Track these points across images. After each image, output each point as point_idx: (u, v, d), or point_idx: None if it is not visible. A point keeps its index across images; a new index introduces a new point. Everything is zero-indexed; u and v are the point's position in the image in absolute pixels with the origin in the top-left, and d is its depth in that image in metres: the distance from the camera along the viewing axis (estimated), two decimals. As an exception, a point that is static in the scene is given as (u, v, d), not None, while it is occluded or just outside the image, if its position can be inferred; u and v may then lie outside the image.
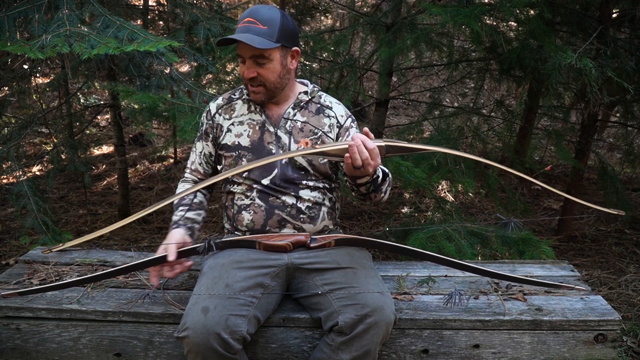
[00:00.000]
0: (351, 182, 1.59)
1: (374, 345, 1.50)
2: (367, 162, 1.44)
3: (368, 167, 1.45)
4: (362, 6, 5.70)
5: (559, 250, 3.24)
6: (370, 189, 1.61)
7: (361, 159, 1.43)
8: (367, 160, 1.44)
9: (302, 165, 1.71)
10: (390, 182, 1.73)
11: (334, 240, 1.68)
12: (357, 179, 1.56)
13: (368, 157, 1.43)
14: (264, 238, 1.66)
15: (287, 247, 1.65)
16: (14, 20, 2.28)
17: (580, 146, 3.21)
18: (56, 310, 1.68)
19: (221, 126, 1.77)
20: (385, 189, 1.68)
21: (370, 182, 1.58)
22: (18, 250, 3.18)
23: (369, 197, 1.66)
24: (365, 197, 1.67)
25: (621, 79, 2.46)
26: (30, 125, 3.23)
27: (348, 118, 1.80)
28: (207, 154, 1.81)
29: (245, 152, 1.71)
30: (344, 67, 3.36)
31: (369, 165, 1.44)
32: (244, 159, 1.71)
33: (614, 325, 1.68)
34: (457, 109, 3.86)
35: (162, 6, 4.66)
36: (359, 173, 1.48)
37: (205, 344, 1.40)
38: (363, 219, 3.79)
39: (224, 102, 1.82)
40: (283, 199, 1.70)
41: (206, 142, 1.81)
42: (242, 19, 1.61)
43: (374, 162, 1.45)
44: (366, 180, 1.56)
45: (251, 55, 1.61)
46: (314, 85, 1.84)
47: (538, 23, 2.65)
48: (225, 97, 1.83)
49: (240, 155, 1.72)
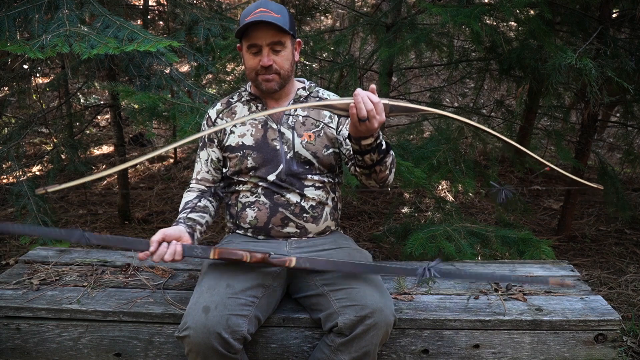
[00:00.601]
0: (356, 146, 1.54)
1: (374, 346, 1.50)
2: (372, 115, 1.42)
3: (373, 121, 1.42)
4: (362, 6, 5.70)
5: (559, 250, 3.24)
6: (376, 159, 1.57)
7: (366, 109, 1.41)
8: (372, 112, 1.41)
9: (307, 159, 1.72)
10: (394, 161, 1.69)
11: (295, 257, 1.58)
12: (362, 140, 1.51)
13: (373, 108, 1.42)
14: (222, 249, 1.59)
15: (243, 257, 1.56)
16: (14, 20, 2.28)
17: (580, 146, 3.21)
18: (56, 310, 1.68)
19: (224, 129, 1.77)
20: (389, 165, 1.64)
21: (375, 147, 1.54)
22: (18, 250, 3.18)
23: (374, 172, 1.62)
24: (370, 172, 1.62)
25: (621, 79, 2.46)
26: (30, 125, 3.23)
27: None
28: (215, 159, 1.80)
29: (250, 150, 1.72)
30: (344, 67, 3.36)
31: (374, 117, 1.42)
32: (249, 158, 1.71)
33: (614, 325, 1.68)
34: (457, 109, 3.86)
35: (162, 6, 4.67)
36: (364, 129, 1.44)
37: (206, 344, 1.41)
38: (363, 219, 3.79)
39: (223, 106, 1.82)
40: (288, 196, 1.70)
41: (211, 148, 1.80)
42: (252, 11, 1.62)
43: (379, 117, 1.43)
44: (370, 142, 1.51)
45: (269, 42, 1.63)
46: (311, 81, 1.87)
47: (538, 23, 2.65)
48: (224, 102, 1.84)
49: (245, 155, 1.72)
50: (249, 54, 1.67)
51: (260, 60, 1.64)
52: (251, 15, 1.61)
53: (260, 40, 1.62)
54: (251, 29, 1.61)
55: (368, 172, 1.62)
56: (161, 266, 1.98)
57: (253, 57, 1.66)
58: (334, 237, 1.79)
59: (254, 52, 1.65)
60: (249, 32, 1.62)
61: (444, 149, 2.72)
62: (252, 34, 1.62)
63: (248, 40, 1.64)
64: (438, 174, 2.67)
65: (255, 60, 1.66)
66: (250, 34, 1.62)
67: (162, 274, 1.93)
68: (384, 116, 1.45)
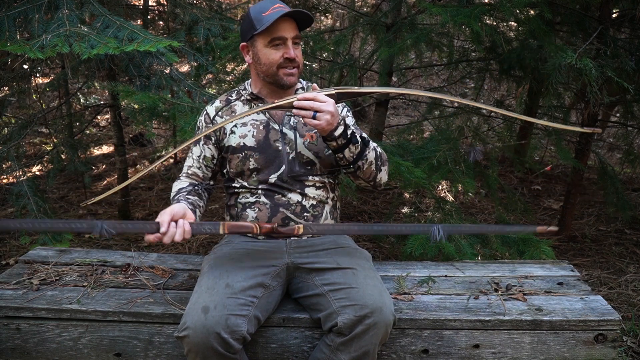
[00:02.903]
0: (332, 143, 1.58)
1: (373, 346, 1.50)
2: (316, 108, 1.49)
3: (321, 117, 1.49)
4: (362, 6, 5.70)
5: (559, 250, 3.24)
6: (356, 153, 1.60)
7: (308, 106, 1.49)
8: (314, 106, 1.49)
9: (309, 159, 1.72)
10: (382, 158, 1.71)
11: (302, 226, 1.60)
12: (330, 140, 1.56)
13: (314, 105, 1.49)
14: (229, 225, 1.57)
15: (253, 229, 1.56)
16: (14, 20, 2.28)
17: (580, 146, 3.20)
18: (56, 310, 1.68)
19: (224, 128, 1.77)
20: (373, 161, 1.65)
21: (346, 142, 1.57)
22: (18, 250, 3.18)
23: (359, 168, 1.64)
24: (355, 170, 1.65)
25: (621, 79, 2.46)
26: (30, 125, 3.23)
27: (344, 108, 1.83)
28: (208, 157, 1.80)
29: (252, 152, 1.72)
30: (344, 67, 3.36)
31: (320, 112, 1.49)
32: (251, 159, 1.71)
33: (614, 325, 1.68)
34: (457, 109, 3.86)
35: (162, 6, 4.67)
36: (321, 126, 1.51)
37: (205, 344, 1.41)
38: (363, 219, 3.79)
39: (222, 104, 1.82)
40: (289, 196, 1.70)
41: (207, 145, 1.79)
42: (270, 7, 1.62)
43: (326, 107, 1.49)
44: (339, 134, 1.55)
45: (294, 36, 1.65)
46: (307, 81, 1.87)
47: (538, 23, 2.65)
48: (223, 100, 1.83)
49: (247, 156, 1.72)
50: (271, 48, 1.66)
51: (285, 52, 1.64)
52: (270, 10, 1.61)
53: (287, 33, 1.63)
54: (276, 23, 1.61)
55: (353, 169, 1.65)
56: (161, 266, 1.98)
57: (275, 50, 1.65)
58: (334, 236, 1.79)
59: (277, 44, 1.65)
60: (273, 26, 1.62)
61: (444, 149, 2.72)
62: (278, 26, 1.62)
63: (271, 34, 1.63)
64: (438, 174, 2.66)
65: (278, 53, 1.65)
66: (275, 27, 1.62)
67: (162, 274, 1.93)
68: (332, 108, 1.50)
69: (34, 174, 4.49)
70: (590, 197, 4.19)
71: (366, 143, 1.64)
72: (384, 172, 1.72)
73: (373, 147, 1.67)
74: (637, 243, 3.41)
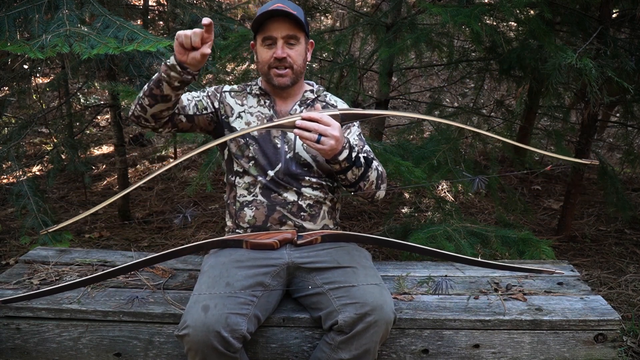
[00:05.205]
0: (336, 166, 1.58)
1: (374, 344, 1.50)
2: (323, 132, 1.44)
3: (326, 142, 1.45)
4: (362, 6, 5.70)
5: (559, 250, 3.24)
6: (354, 179, 1.61)
7: (312, 128, 1.44)
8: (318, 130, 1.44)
9: (306, 162, 1.72)
10: (382, 177, 1.72)
11: (320, 236, 1.70)
12: (333, 163, 1.55)
13: (319, 128, 1.44)
14: (252, 237, 1.68)
15: (274, 245, 1.66)
16: (14, 20, 2.28)
17: (580, 146, 3.20)
18: (56, 310, 1.68)
19: (231, 108, 1.77)
20: (374, 181, 1.67)
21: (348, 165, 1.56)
22: (18, 250, 3.18)
23: (359, 188, 1.66)
24: (356, 190, 1.66)
25: (621, 79, 2.46)
26: (30, 125, 3.23)
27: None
28: (202, 103, 1.74)
29: (252, 141, 1.73)
30: (344, 67, 3.36)
31: (326, 137, 1.45)
32: (251, 147, 1.72)
33: (614, 325, 1.68)
34: (457, 109, 3.86)
35: (162, 6, 4.67)
36: (324, 150, 1.47)
37: (205, 342, 1.41)
38: (363, 219, 3.79)
39: (239, 88, 1.83)
40: (285, 195, 1.71)
41: (208, 100, 1.75)
42: (270, 5, 1.62)
43: (332, 134, 1.45)
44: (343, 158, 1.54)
45: (285, 35, 1.63)
46: (319, 85, 1.87)
47: (538, 23, 2.65)
48: (240, 86, 1.84)
49: (248, 144, 1.73)
50: (263, 47, 1.67)
51: (274, 52, 1.64)
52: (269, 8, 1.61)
53: (276, 32, 1.63)
54: (267, 22, 1.61)
55: (353, 189, 1.67)
56: (161, 266, 1.98)
57: (267, 49, 1.66)
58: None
59: (268, 44, 1.65)
60: (264, 25, 1.62)
61: (444, 149, 2.73)
62: (268, 26, 1.62)
63: (263, 33, 1.64)
64: (438, 174, 2.67)
65: (269, 53, 1.66)
66: (266, 26, 1.62)
67: (162, 274, 1.93)
68: (337, 133, 1.46)
69: (34, 174, 4.49)
70: (590, 197, 4.19)
71: (369, 163, 1.64)
72: (382, 189, 1.74)
73: (375, 167, 1.68)
74: (637, 243, 3.41)
